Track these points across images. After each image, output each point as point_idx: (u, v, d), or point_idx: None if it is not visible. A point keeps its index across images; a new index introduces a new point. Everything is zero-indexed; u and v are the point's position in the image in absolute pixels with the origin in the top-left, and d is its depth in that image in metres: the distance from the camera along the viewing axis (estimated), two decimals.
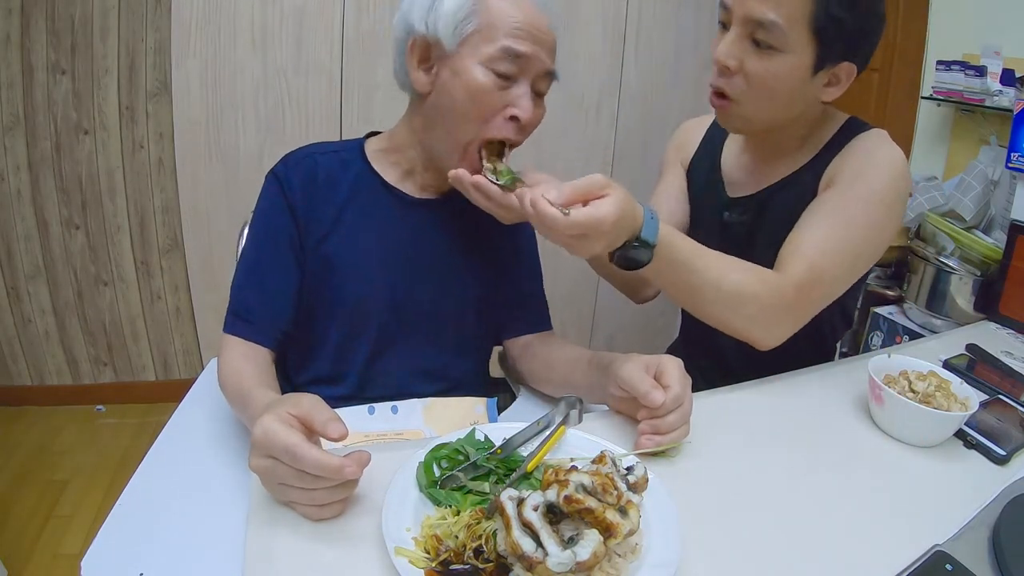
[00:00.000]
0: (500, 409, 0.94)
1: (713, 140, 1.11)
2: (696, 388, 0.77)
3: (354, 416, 0.85)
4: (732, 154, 1.08)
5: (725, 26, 0.87)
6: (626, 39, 2.01)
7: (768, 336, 0.86)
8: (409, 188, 0.93)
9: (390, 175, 0.92)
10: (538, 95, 0.84)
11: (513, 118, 0.81)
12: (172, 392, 0.98)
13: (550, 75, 0.84)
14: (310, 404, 0.59)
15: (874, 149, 0.90)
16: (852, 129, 0.95)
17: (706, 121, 1.14)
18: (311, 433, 0.58)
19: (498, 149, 0.84)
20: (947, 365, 0.98)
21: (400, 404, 0.88)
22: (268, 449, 0.57)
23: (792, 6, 0.80)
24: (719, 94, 0.89)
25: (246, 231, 0.99)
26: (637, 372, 0.74)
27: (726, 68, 0.86)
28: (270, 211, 0.89)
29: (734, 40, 0.84)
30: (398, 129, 0.93)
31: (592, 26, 1.95)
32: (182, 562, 0.63)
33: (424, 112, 0.87)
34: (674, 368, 0.73)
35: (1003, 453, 0.79)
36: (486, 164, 0.82)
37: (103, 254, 2.15)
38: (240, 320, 0.86)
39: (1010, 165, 1.47)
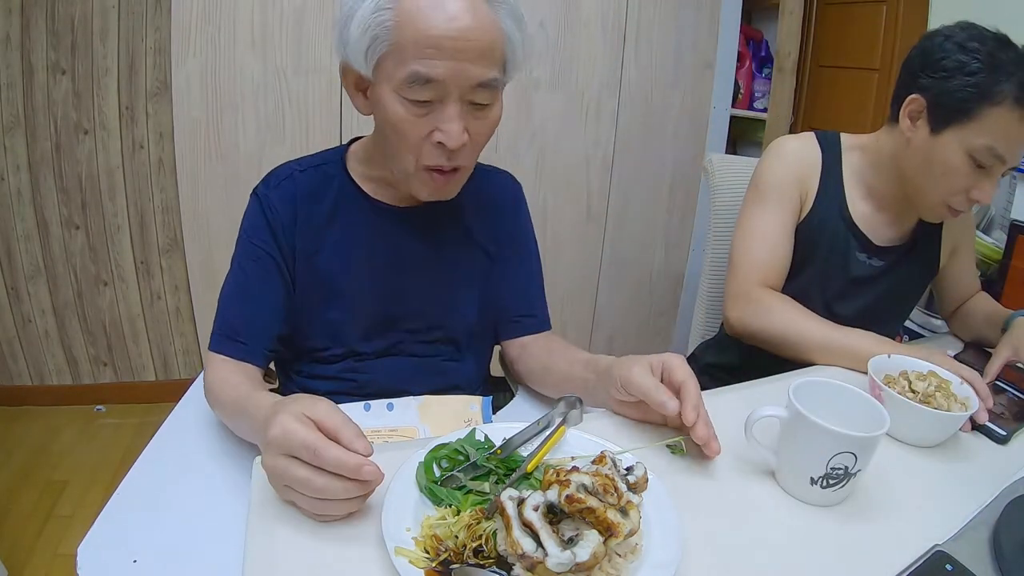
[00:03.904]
0: (497, 408, 0.94)
1: (831, 173, 1.10)
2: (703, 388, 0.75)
3: (349, 412, 0.83)
4: (859, 197, 1.10)
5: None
6: (626, 38, 2.01)
7: None
8: (389, 198, 0.91)
9: (369, 186, 0.91)
10: (479, 107, 0.77)
11: (440, 144, 0.76)
12: (172, 392, 0.98)
13: (485, 85, 0.74)
14: (326, 411, 0.58)
15: None
16: None
17: (812, 149, 1.11)
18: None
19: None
20: None
21: (395, 401, 0.88)
22: (287, 447, 0.56)
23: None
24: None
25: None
26: (647, 378, 0.71)
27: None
28: (252, 231, 0.89)
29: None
30: (371, 140, 0.91)
31: (592, 26, 1.95)
32: (177, 551, 0.64)
33: (377, 129, 0.85)
34: (680, 364, 0.72)
35: (1004, 433, 0.82)
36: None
37: (103, 254, 2.15)
38: (227, 340, 0.86)
39: None
